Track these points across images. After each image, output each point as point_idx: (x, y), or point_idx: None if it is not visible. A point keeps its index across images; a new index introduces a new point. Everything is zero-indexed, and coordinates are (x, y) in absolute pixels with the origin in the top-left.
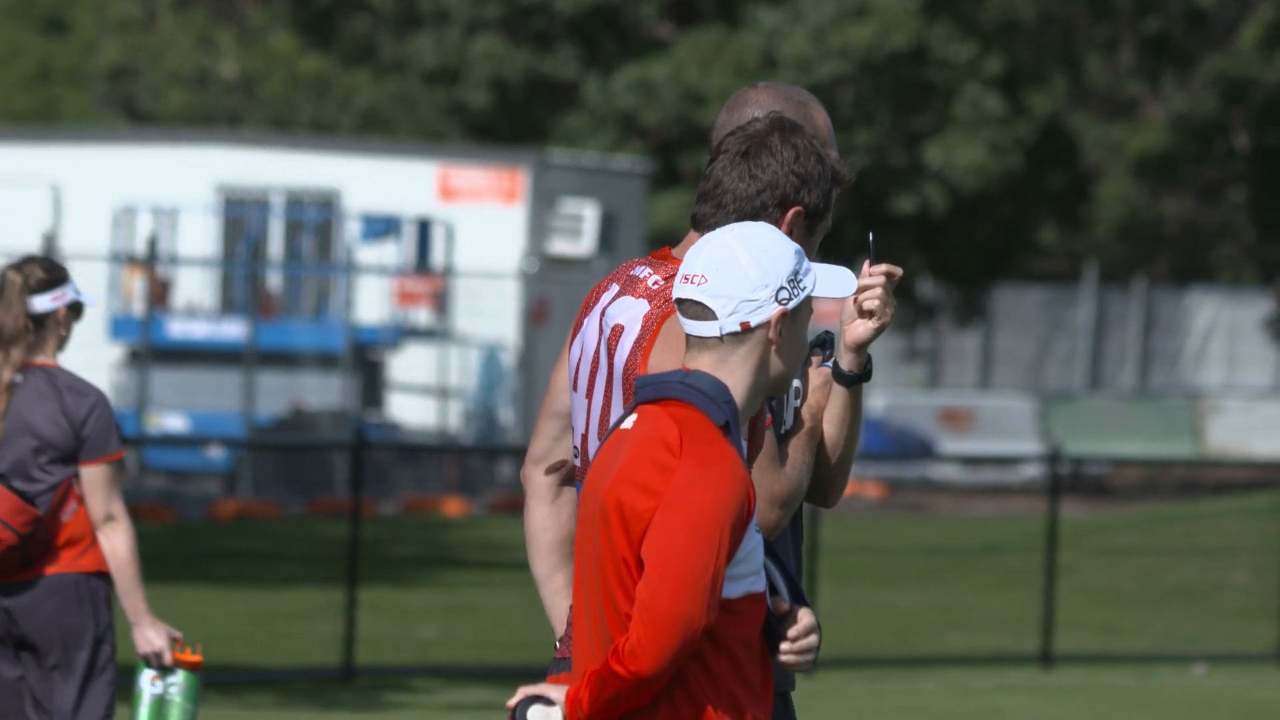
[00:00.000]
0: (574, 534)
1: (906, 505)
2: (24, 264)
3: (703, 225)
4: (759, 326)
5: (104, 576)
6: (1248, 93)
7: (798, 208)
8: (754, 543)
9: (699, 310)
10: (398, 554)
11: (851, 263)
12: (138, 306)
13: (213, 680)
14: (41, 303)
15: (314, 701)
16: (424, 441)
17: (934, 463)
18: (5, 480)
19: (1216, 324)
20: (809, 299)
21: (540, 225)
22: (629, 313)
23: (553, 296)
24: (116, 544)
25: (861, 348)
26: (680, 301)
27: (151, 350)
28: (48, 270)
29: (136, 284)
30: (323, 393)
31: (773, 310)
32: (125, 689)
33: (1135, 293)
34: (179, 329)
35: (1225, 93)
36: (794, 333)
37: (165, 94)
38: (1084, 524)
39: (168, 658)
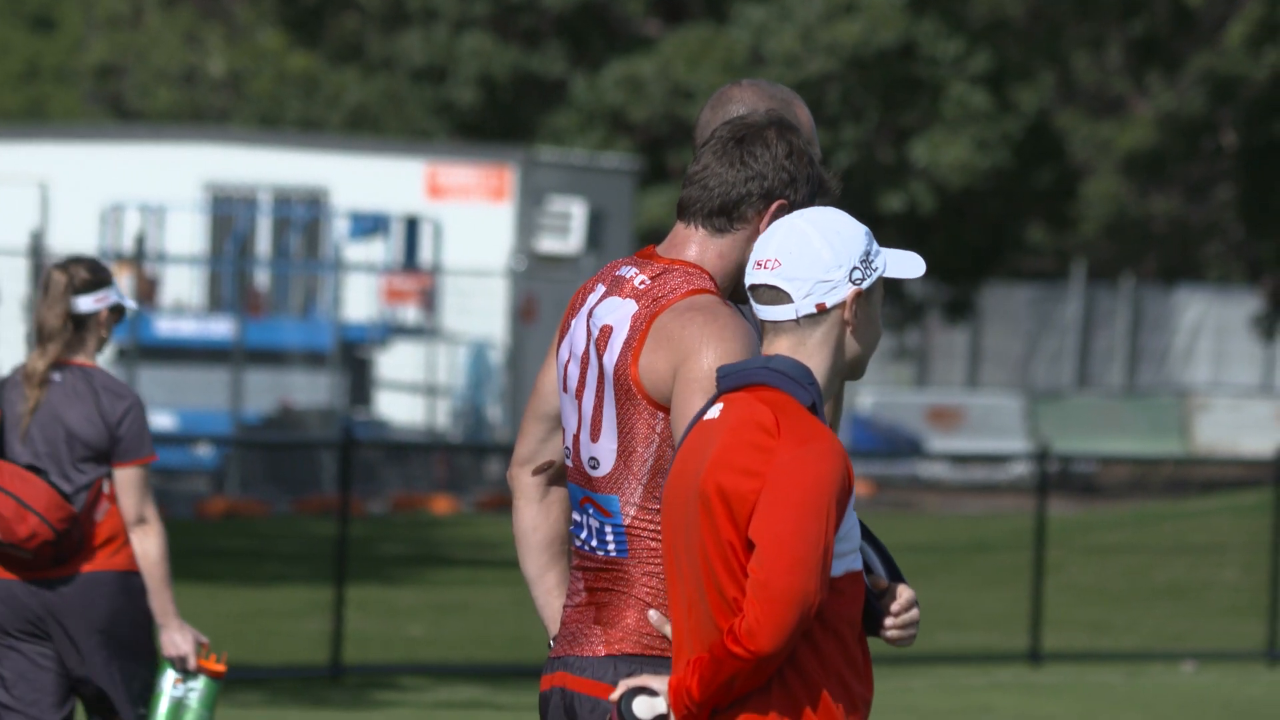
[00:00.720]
0: (564, 533)
1: (895, 503)
2: (69, 264)
3: (688, 210)
4: (834, 308)
5: (133, 576)
6: (1236, 91)
7: (782, 201)
8: (853, 520)
9: (773, 295)
10: (386, 552)
11: None
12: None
13: None
14: (84, 303)
15: (302, 699)
16: (412, 439)
17: (922, 461)
18: (45, 475)
19: (1204, 322)
20: (881, 280)
21: (528, 223)
22: (617, 313)
23: (541, 294)
24: (148, 546)
25: None
26: (754, 288)
27: (139, 348)
28: (92, 272)
29: (124, 281)
30: (311, 391)
31: (847, 290)
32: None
33: (1123, 291)
34: (166, 327)
35: (1213, 91)
36: (868, 314)
37: (153, 92)
38: (1072, 522)
39: (192, 663)
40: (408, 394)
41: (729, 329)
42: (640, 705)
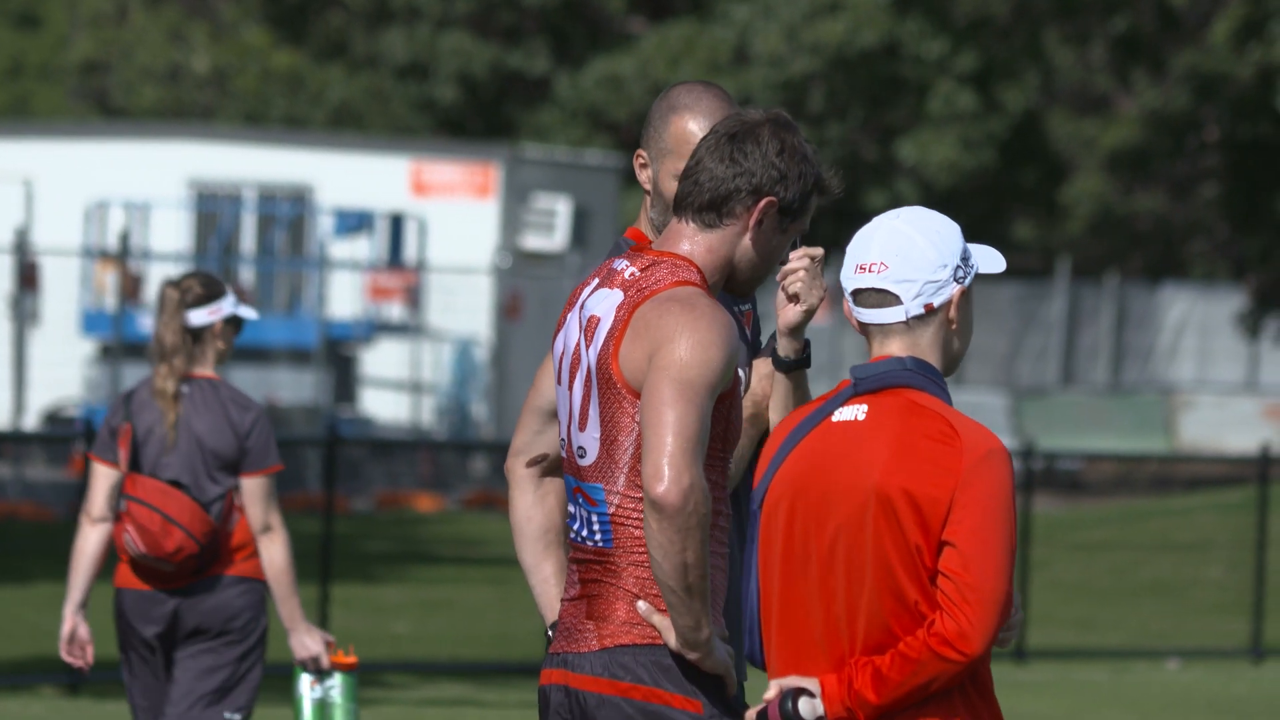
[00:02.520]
0: (560, 523)
1: None
2: (182, 280)
3: (680, 204)
4: (941, 307)
5: (263, 583)
6: (1220, 88)
7: (770, 198)
8: None
9: (880, 298)
10: (370, 549)
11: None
12: (110, 301)
13: None
14: (198, 316)
15: (286, 696)
16: (397, 437)
17: None
18: (187, 490)
19: (1189, 319)
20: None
21: (513, 220)
22: (604, 303)
23: (526, 291)
24: (274, 553)
25: (795, 332)
26: (858, 292)
27: (123, 345)
28: (205, 286)
29: (109, 279)
30: (295, 388)
31: (953, 290)
32: (284, 692)
33: (1108, 288)
34: (151, 324)
35: (1197, 88)
36: (968, 312)
37: (138, 89)
38: (1057, 519)
39: (325, 661)
40: (392, 391)
41: (705, 319)
42: (805, 706)
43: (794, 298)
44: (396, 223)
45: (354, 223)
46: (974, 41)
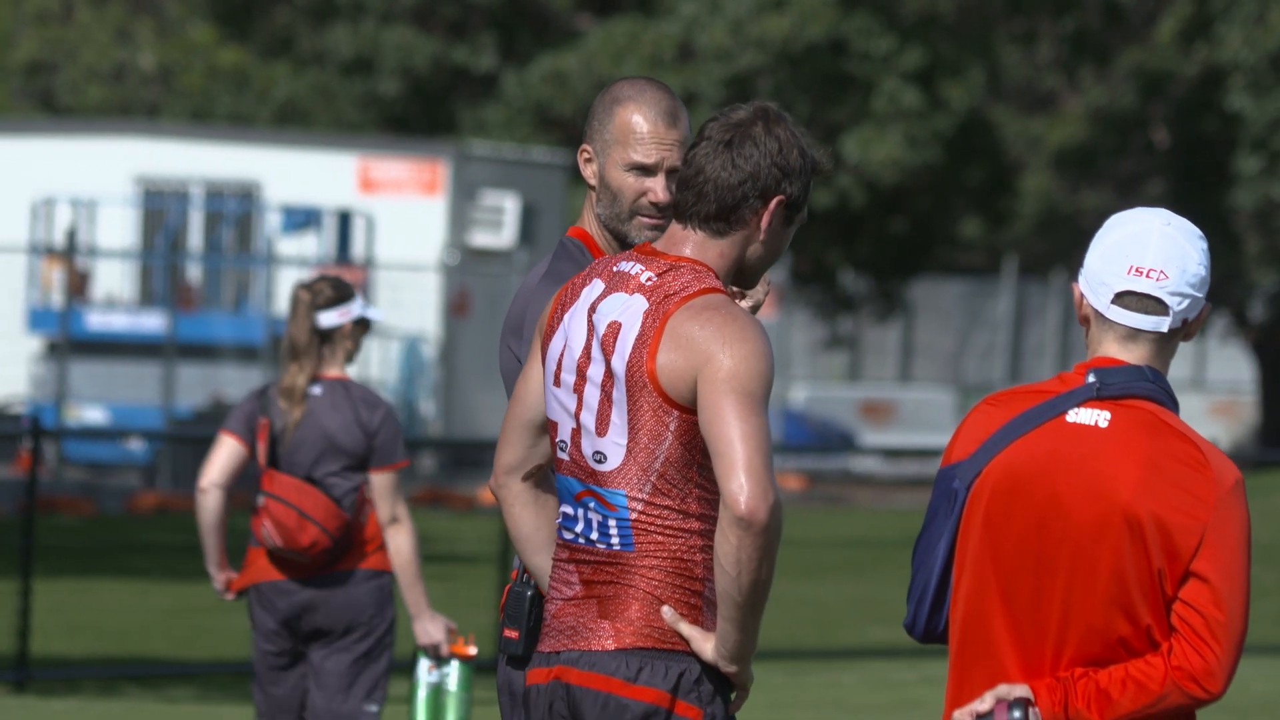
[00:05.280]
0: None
1: (827, 498)
2: (314, 283)
3: (684, 213)
4: (1188, 323)
5: (390, 574)
6: (1166, 86)
7: (780, 197)
8: None
9: (1150, 304)
10: None
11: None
12: (56, 298)
13: (132, 673)
14: (328, 318)
15: (234, 695)
16: None
17: (855, 455)
18: (321, 486)
19: None
20: None
21: (461, 217)
22: (626, 310)
23: (474, 288)
24: (400, 544)
25: None
26: (1129, 295)
27: (70, 342)
28: (335, 289)
29: (55, 276)
30: (243, 385)
31: (1202, 307)
32: (404, 677)
33: (1054, 286)
34: (98, 321)
35: (1144, 86)
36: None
37: (83, 89)
38: None
39: (445, 649)
40: None
41: (750, 329)
42: (1035, 716)
43: (739, 295)
44: (344, 220)
45: (301, 220)
46: (921, 38)
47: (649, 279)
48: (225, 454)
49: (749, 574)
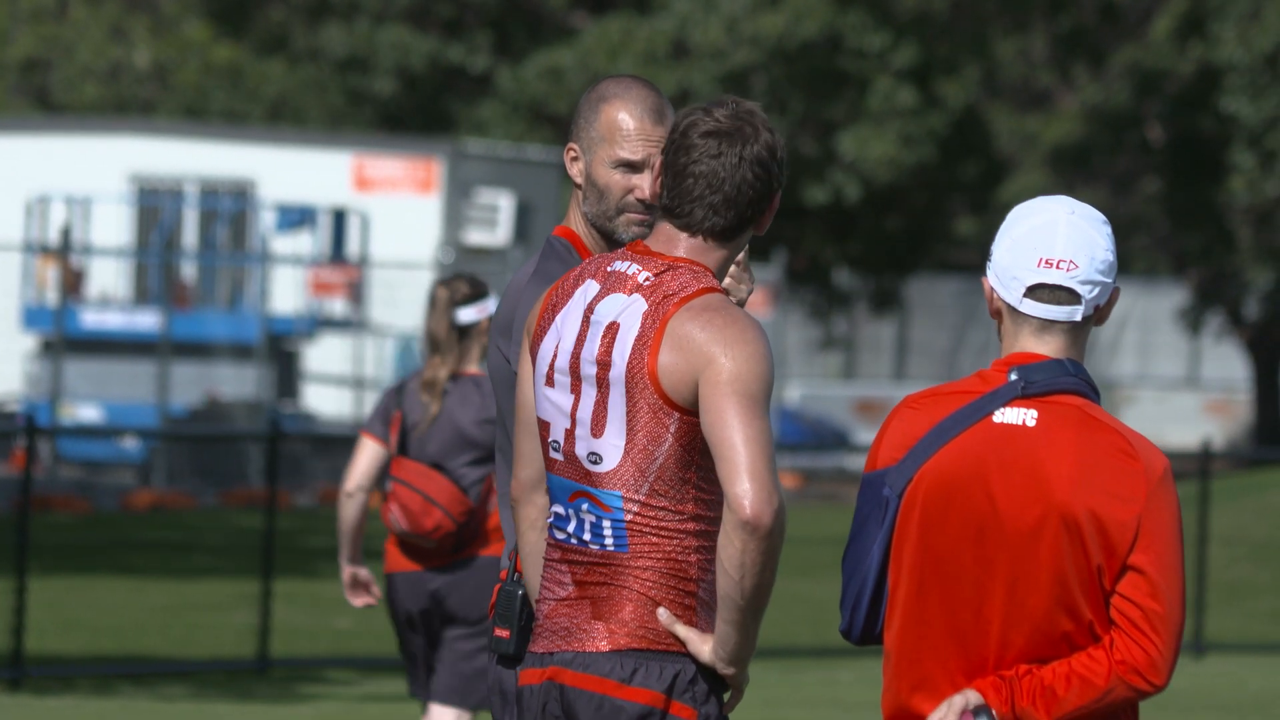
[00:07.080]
0: None
1: (822, 495)
2: (452, 280)
3: (680, 217)
4: (1099, 310)
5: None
6: (1161, 84)
7: (775, 194)
8: None
9: (1063, 295)
10: (313, 545)
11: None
12: (51, 296)
13: (126, 671)
14: (466, 315)
15: (229, 693)
16: (339, 432)
17: (849, 453)
18: (446, 472)
19: (1130, 314)
20: None
21: (456, 215)
22: (626, 310)
23: None
24: None
25: None
26: (1040, 287)
27: (65, 340)
28: (472, 286)
29: (50, 274)
30: (237, 383)
31: (1112, 291)
32: None
33: None
34: (93, 319)
35: (1138, 84)
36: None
37: (79, 86)
38: None
39: None
40: (335, 386)
41: (750, 330)
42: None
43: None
44: (339, 218)
45: (296, 218)
46: (915, 36)
47: (647, 279)
48: (367, 457)
49: (752, 578)
